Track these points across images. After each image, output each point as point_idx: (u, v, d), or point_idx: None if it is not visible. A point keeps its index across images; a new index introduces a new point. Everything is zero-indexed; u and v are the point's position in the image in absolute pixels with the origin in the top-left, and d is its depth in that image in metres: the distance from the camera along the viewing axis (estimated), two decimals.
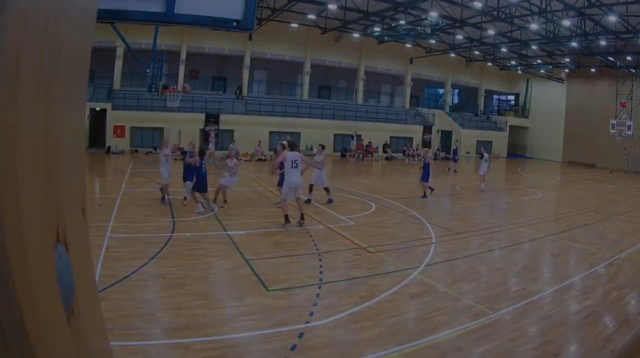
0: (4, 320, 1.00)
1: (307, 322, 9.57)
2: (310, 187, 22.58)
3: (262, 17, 44.29)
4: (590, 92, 61.45)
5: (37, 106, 1.09)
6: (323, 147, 24.32)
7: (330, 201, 22.65)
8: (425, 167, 25.29)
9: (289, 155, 17.26)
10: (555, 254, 16.67)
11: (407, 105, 63.35)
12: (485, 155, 31.70)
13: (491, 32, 45.28)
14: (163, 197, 20.58)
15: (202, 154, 19.34)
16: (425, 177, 25.38)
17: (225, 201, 20.57)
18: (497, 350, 8.92)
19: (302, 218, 17.38)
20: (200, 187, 18.69)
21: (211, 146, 39.95)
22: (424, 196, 25.57)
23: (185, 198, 20.32)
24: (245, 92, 51.31)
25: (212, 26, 2.88)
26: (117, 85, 44.14)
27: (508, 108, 74.61)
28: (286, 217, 17.01)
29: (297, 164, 17.06)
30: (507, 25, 43.20)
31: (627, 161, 55.61)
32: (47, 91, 1.14)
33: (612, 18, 36.19)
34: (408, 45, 57.33)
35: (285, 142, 19.14)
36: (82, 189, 1.54)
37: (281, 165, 18.03)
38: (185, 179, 20.14)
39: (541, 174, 48.17)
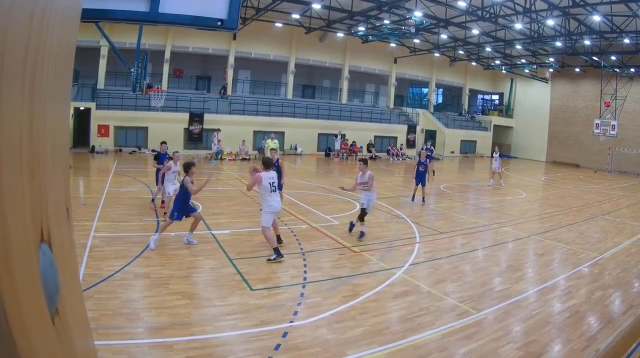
0: None
1: (291, 322, 9.63)
2: (362, 213, 17.18)
3: (247, 16, 44.22)
4: (574, 91, 61.72)
5: (21, 104, 1.09)
6: (365, 163, 17.79)
7: (362, 235, 17.00)
8: (426, 169, 24.75)
9: (265, 176, 14.03)
10: (540, 254, 16.73)
11: (392, 105, 63.45)
12: (495, 154, 32.45)
13: (475, 31, 45.45)
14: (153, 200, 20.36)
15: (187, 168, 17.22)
16: (424, 181, 24.83)
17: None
18: (481, 349, 8.96)
19: (279, 240, 15.22)
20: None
21: (214, 147, 40.12)
22: (417, 199, 25.01)
23: (163, 201, 20.06)
24: (229, 91, 51.16)
25: (197, 25, 2.87)
26: (101, 84, 43.87)
27: (492, 107, 74.85)
28: (276, 250, 13.90)
29: (275, 186, 14.46)
30: (492, 25, 43.29)
31: (611, 161, 55.84)
32: (32, 89, 1.13)
33: (596, 18, 36.36)
34: (392, 45, 57.53)
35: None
36: (66, 188, 1.53)
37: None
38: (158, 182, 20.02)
39: (525, 173, 48.24)
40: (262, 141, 42.14)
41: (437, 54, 61.20)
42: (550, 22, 39.47)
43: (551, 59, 55.73)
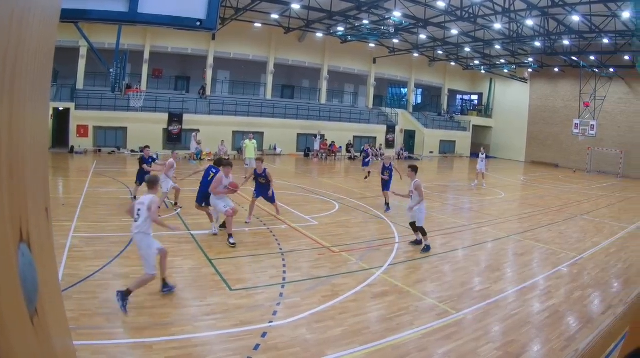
0: None
1: (270, 322, 9.62)
2: (413, 226, 16.44)
3: (226, 16, 44.06)
4: (553, 91, 62.06)
5: (0, 103, 1.08)
6: (414, 170, 16.41)
7: (418, 242, 16.48)
8: (391, 174, 23.66)
9: (223, 178, 15.42)
10: (519, 254, 16.82)
11: (371, 105, 63.51)
12: (481, 155, 32.54)
13: (454, 31, 45.50)
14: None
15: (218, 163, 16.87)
16: (388, 186, 23.44)
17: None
18: (460, 349, 8.99)
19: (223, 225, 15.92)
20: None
21: (193, 148, 40.03)
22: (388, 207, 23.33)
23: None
24: (208, 91, 51.08)
25: (176, 26, 2.87)
26: (80, 84, 43.60)
27: (471, 108, 75.15)
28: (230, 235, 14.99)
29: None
30: (471, 25, 43.38)
31: (590, 161, 56.24)
32: (11, 89, 1.12)
33: (575, 18, 36.58)
34: (371, 45, 57.60)
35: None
36: (46, 188, 1.53)
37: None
38: (138, 180, 20.44)
39: (504, 173, 48.40)
40: (241, 141, 42.03)
41: (416, 54, 61.23)
42: (530, 22, 39.64)
43: (530, 59, 55.97)
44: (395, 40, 54.20)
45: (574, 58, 50.35)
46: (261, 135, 47.89)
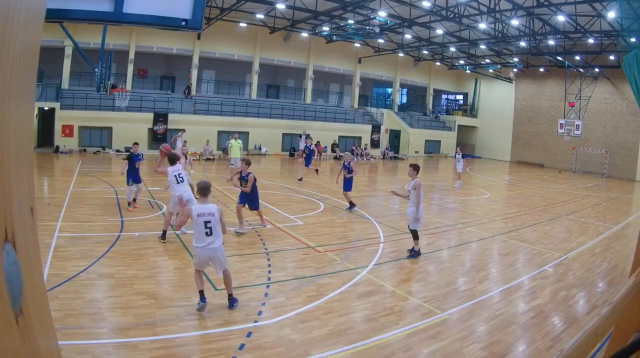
0: None
1: (255, 322, 9.64)
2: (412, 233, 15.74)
3: (211, 16, 44.18)
4: (538, 91, 62.26)
5: None
6: (416, 169, 15.66)
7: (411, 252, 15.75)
8: (350, 173, 22.79)
9: (170, 170, 15.64)
10: (504, 254, 16.88)
11: (356, 105, 63.63)
12: (457, 155, 32.66)
13: (440, 31, 45.64)
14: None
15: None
16: (348, 186, 22.92)
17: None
18: (445, 349, 9.01)
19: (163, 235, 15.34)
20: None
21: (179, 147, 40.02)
22: (351, 207, 22.70)
23: (129, 203, 19.94)
24: (193, 91, 50.99)
25: (161, 25, 2.86)
26: (65, 84, 43.43)
27: (456, 107, 75.28)
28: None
29: (182, 177, 15.63)
30: (456, 25, 43.43)
31: (576, 161, 56.48)
32: None
33: (560, 18, 36.76)
34: (357, 45, 57.76)
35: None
36: (31, 188, 1.52)
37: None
38: (129, 182, 20.13)
39: (489, 173, 48.51)
40: (226, 141, 41.99)
41: (401, 54, 61.53)
42: (515, 22, 39.82)
43: (515, 59, 56.17)
44: (381, 40, 54.34)
45: (559, 58, 50.59)
46: (246, 135, 47.88)
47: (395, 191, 17.52)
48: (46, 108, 41.07)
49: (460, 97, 76.62)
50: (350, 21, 45.06)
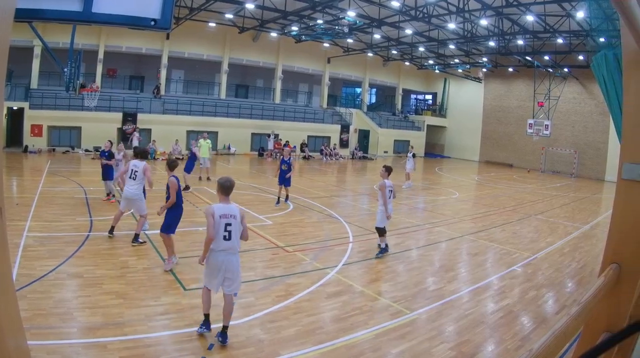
0: None
1: None
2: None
3: (180, 16, 44.08)
4: (507, 91, 62.67)
5: None
6: (387, 170, 15.98)
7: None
8: (289, 167, 23.16)
9: (131, 164, 15.50)
10: (473, 254, 16.96)
11: (325, 105, 63.76)
12: (409, 154, 32.59)
13: (409, 31, 45.74)
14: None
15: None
16: (288, 181, 23.27)
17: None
18: (414, 349, 9.04)
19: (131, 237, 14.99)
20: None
21: (135, 144, 39.62)
22: (280, 200, 23.53)
23: (107, 194, 20.54)
24: (162, 91, 50.81)
25: (130, 25, 2.84)
26: (34, 84, 43.10)
27: (426, 107, 75.66)
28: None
29: (136, 174, 15.23)
30: (425, 25, 43.50)
31: (545, 161, 56.93)
32: None
33: (529, 18, 37.00)
34: (326, 45, 57.82)
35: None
36: (0, 188, 1.51)
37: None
38: (104, 178, 20.52)
39: (458, 173, 48.77)
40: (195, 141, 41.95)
41: (370, 54, 61.83)
42: (484, 22, 40.02)
43: (484, 59, 56.44)
44: (350, 40, 54.56)
45: (528, 58, 50.98)
46: (215, 134, 47.69)
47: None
48: (15, 107, 40.67)
49: (429, 97, 76.97)
50: (319, 21, 45.12)
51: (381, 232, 15.67)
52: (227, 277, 8.88)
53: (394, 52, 60.63)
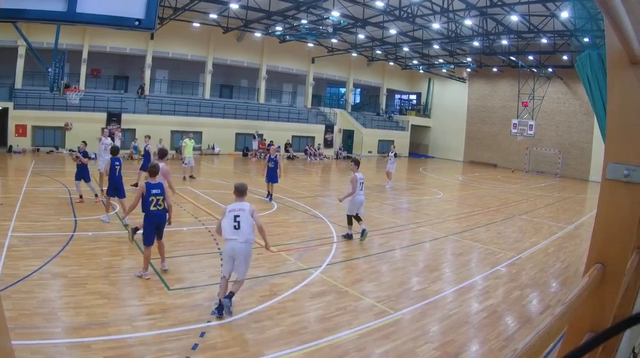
0: None
1: (208, 321, 9.65)
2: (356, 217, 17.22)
3: (164, 16, 43.92)
4: (492, 91, 62.77)
5: None
6: (356, 163, 17.40)
7: (348, 236, 17.41)
8: (276, 165, 23.82)
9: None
10: (457, 254, 17.01)
11: (309, 105, 63.63)
12: (390, 154, 32.54)
13: (393, 31, 45.81)
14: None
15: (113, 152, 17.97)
16: (274, 178, 23.99)
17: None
18: (398, 349, 9.07)
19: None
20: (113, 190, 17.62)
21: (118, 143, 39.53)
22: (269, 197, 24.24)
23: (80, 196, 20.47)
24: (147, 91, 50.61)
25: (115, 25, 2.82)
26: (18, 84, 42.90)
27: (410, 107, 75.60)
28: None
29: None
30: (409, 25, 43.47)
31: (529, 161, 57.06)
32: None
33: (514, 17, 37.05)
34: (310, 45, 57.74)
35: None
36: None
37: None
38: (77, 178, 20.46)
39: (443, 173, 48.85)
40: (179, 141, 41.71)
41: (354, 54, 61.81)
42: (468, 22, 40.06)
43: (469, 59, 56.45)
44: (334, 40, 54.50)
45: (512, 58, 51.05)
46: (200, 134, 47.57)
47: (341, 198, 18.33)
48: None
49: (413, 97, 76.95)
50: (304, 21, 45.06)
51: (349, 220, 16.86)
52: (236, 264, 9.99)
53: (378, 52, 60.67)
